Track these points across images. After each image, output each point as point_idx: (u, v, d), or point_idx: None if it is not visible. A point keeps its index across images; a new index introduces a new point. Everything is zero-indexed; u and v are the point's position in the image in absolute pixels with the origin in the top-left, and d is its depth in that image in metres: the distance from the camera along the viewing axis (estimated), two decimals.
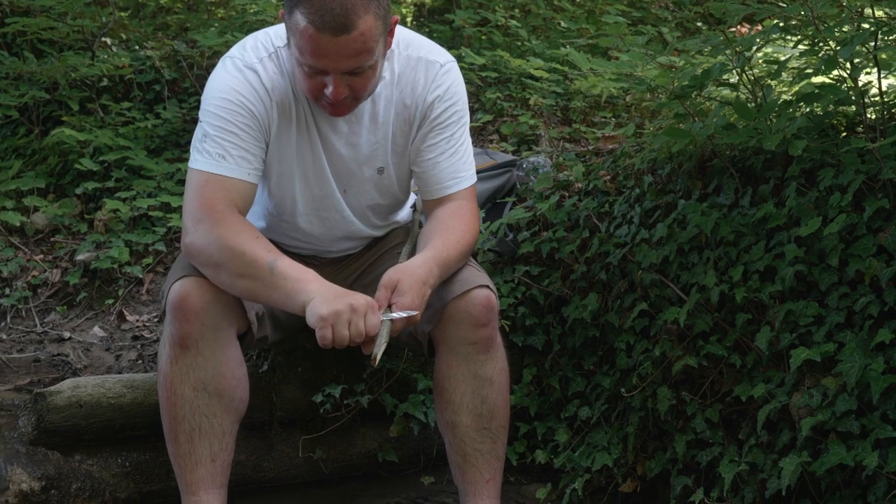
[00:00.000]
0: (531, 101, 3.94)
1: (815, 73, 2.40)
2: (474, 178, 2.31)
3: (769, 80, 2.56)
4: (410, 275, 2.07)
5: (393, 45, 2.19)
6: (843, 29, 2.33)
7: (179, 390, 2.12)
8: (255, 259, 2.03)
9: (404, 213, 2.49)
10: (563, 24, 4.86)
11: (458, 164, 2.27)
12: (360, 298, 1.97)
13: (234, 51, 2.20)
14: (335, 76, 2.03)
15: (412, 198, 2.50)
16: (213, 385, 2.12)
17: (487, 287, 2.22)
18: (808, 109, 2.41)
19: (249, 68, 2.16)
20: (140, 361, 3.03)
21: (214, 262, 2.06)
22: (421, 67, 2.22)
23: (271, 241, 2.39)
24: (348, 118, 2.21)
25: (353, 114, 2.20)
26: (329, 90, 2.05)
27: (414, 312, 2.03)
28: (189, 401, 2.12)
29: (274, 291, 2.02)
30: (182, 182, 3.77)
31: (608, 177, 2.90)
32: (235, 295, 2.10)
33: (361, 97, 2.12)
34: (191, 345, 2.10)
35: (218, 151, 2.11)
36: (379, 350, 1.97)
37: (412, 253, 2.27)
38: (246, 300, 2.14)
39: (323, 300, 1.96)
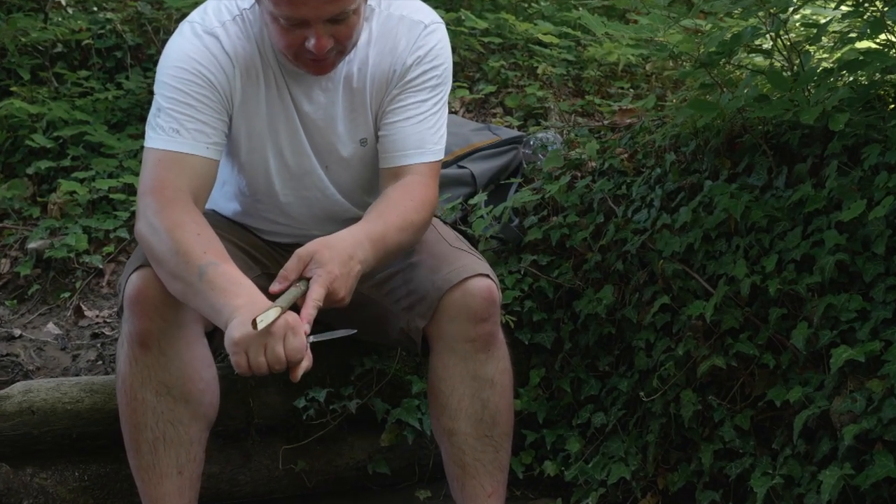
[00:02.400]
0: (539, 71, 3.93)
1: (860, 38, 2.39)
2: (440, 156, 2.26)
3: (807, 46, 2.55)
4: (330, 247, 2.00)
5: (373, 3, 2.19)
6: None
7: (140, 395, 2.10)
8: (187, 259, 1.97)
9: None
10: None
11: (426, 133, 2.22)
12: (279, 320, 1.88)
13: (195, 15, 2.19)
14: (317, 26, 2.02)
15: None
16: (177, 388, 2.11)
17: (488, 276, 2.20)
18: (851, 78, 2.40)
19: (209, 33, 2.15)
20: (100, 362, 3.02)
21: (154, 255, 2.04)
22: (403, 27, 2.21)
23: (247, 225, 2.39)
24: (324, 85, 2.20)
25: (330, 80, 2.20)
26: (311, 43, 2.04)
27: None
28: (151, 406, 2.10)
29: (201, 301, 1.97)
30: None
31: (625, 155, 2.90)
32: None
33: (346, 48, 2.11)
34: (152, 343, 2.09)
35: (172, 126, 2.11)
36: (265, 314, 1.85)
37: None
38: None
39: (240, 321, 1.87)
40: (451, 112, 3.52)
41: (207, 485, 2.31)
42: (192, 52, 2.13)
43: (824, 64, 2.58)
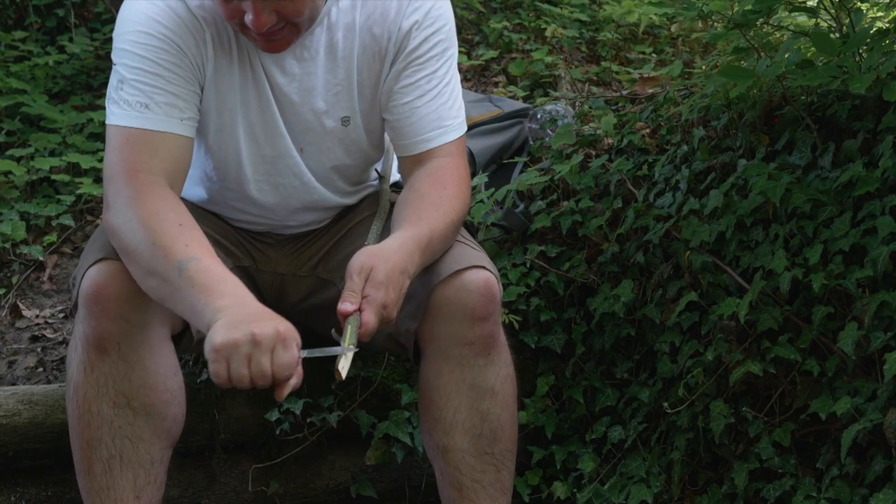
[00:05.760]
0: (548, 33, 3.93)
1: None
2: (463, 128, 2.30)
3: (858, 3, 2.54)
4: (386, 260, 2.03)
5: None
6: None
7: (95, 406, 2.10)
8: (165, 253, 1.98)
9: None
10: None
11: (443, 109, 2.25)
12: (268, 327, 1.86)
13: None
14: (253, 0, 2.02)
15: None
16: (138, 400, 2.11)
17: (485, 268, 2.21)
18: None
19: None
20: (41, 369, 3.02)
21: (126, 247, 2.04)
22: None
23: (215, 213, 2.39)
24: (299, 55, 2.20)
25: (306, 49, 2.19)
26: (249, 18, 2.04)
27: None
28: (107, 420, 2.10)
29: (179, 300, 1.98)
30: (95, 136, 3.75)
31: (647, 130, 2.90)
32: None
33: (300, 25, 2.11)
34: (111, 348, 2.09)
35: (139, 100, 2.11)
36: (343, 360, 1.94)
37: (383, 231, 2.26)
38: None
39: (224, 324, 1.86)
40: None
41: None
42: (154, 15, 2.13)
43: (878, 24, 2.58)
